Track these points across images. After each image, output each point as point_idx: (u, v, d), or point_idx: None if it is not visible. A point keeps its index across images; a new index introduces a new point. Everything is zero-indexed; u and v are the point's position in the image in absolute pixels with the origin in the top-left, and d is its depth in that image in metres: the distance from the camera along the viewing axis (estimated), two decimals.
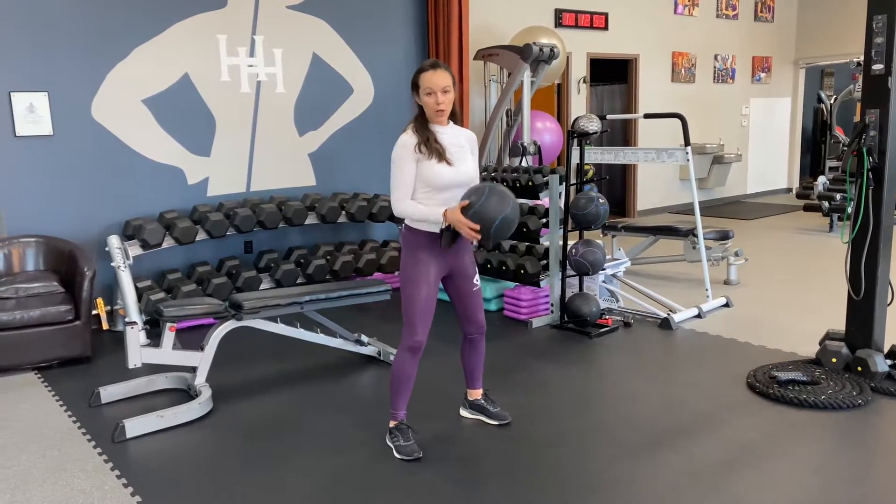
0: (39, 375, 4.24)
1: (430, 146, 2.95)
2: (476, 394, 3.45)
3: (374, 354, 4.34)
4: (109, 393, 3.80)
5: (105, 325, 5.01)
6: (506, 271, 5.17)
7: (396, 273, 5.96)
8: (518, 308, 5.09)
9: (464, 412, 3.49)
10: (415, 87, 2.99)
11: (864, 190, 3.67)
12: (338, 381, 4.03)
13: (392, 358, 4.19)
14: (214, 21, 5.54)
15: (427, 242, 3.03)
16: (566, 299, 4.87)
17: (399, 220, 6.01)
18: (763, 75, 11.17)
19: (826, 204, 8.23)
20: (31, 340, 4.23)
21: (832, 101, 11.26)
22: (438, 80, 2.94)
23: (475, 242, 2.96)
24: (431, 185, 2.96)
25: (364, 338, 4.31)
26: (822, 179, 8.89)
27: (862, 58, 3.69)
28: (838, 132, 11.23)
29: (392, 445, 3.12)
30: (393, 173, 2.98)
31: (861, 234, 3.74)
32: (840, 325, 4.05)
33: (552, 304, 5.00)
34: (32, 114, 4.86)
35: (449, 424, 3.41)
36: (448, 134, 3.03)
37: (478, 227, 2.82)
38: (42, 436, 3.41)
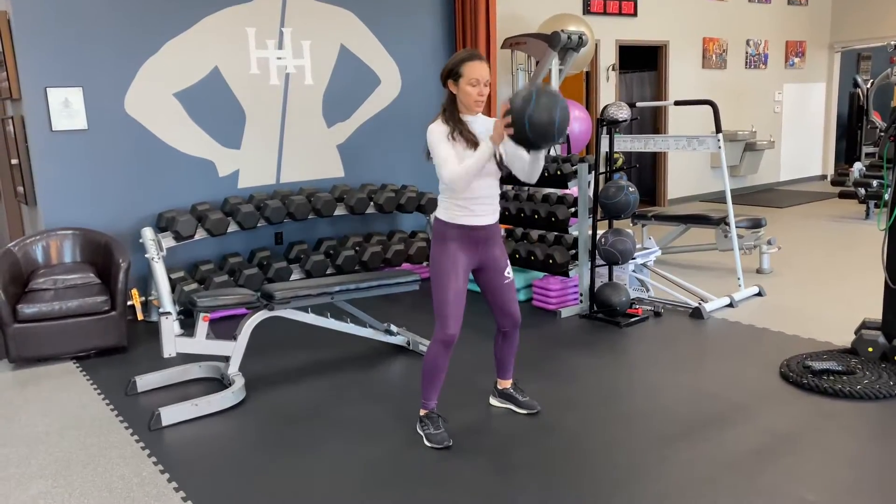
0: (78, 365, 4.34)
1: (466, 136, 2.94)
2: (506, 383, 3.46)
3: (403, 344, 4.37)
4: (145, 382, 3.88)
5: (140, 316, 5.11)
6: (534, 261, 5.16)
7: (425, 263, 5.98)
8: (547, 298, 5.08)
9: (493, 401, 3.50)
10: (454, 75, 2.93)
11: None
12: (368, 371, 4.06)
13: (421, 348, 4.25)
14: (243, 14, 5.58)
15: (456, 234, 3.03)
16: (595, 289, 4.84)
17: (427, 211, 6.07)
18: (797, 60, 10.95)
19: (862, 191, 8.06)
20: (69, 330, 4.33)
21: (869, 86, 10.99)
22: (484, 71, 2.91)
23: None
24: None
25: (393, 327, 4.34)
26: (857, 166, 8.69)
27: None
28: (875, 117, 10.96)
29: (422, 434, 3.15)
30: (435, 154, 2.94)
31: None
32: (876, 314, 3.97)
33: (581, 294, 4.98)
34: (68, 109, 4.96)
35: (478, 413, 3.42)
36: (478, 123, 3.03)
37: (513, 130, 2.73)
38: (81, 423, 3.50)
